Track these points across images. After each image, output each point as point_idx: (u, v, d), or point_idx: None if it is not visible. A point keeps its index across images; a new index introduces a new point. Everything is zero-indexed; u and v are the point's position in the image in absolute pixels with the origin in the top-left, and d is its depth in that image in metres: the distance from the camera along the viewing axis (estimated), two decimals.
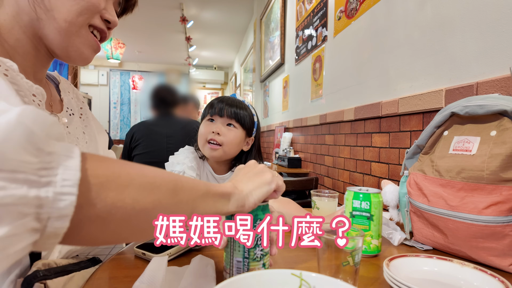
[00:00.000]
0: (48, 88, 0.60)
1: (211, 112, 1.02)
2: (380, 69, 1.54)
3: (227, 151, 1.01)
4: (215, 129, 0.98)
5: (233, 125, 1.01)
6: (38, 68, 0.54)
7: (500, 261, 0.59)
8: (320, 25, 2.33)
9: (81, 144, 0.60)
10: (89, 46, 0.54)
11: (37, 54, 0.52)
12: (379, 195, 0.67)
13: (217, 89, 9.33)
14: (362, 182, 1.70)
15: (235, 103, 1.02)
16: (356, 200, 0.67)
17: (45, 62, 0.55)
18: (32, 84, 0.48)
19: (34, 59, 0.52)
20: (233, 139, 1.00)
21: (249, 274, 0.39)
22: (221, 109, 1.00)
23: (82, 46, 0.53)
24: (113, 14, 0.56)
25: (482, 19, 0.99)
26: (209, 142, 1.00)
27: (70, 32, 0.50)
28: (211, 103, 1.04)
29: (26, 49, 0.50)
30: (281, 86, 3.42)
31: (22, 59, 0.50)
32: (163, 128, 1.81)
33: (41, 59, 0.53)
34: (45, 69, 0.57)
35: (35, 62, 0.53)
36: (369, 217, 0.66)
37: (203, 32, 6.20)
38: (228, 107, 1.00)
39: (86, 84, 8.14)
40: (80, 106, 0.66)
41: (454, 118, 0.71)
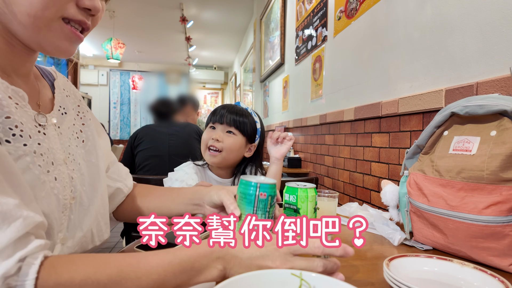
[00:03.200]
0: (36, 85, 0.56)
1: (212, 120, 1.07)
2: (380, 69, 1.54)
3: (226, 157, 1.04)
4: (215, 136, 1.03)
5: (232, 132, 1.05)
6: (18, 64, 0.50)
7: (500, 261, 0.59)
8: (320, 25, 2.33)
9: (74, 144, 0.57)
10: (66, 39, 0.48)
11: (12, 49, 0.48)
12: (308, 190, 0.70)
13: (217, 89, 9.33)
14: (362, 182, 1.70)
15: (236, 111, 1.07)
16: (286, 194, 0.71)
17: (25, 56, 0.50)
18: (8, 85, 0.45)
19: (10, 55, 0.48)
20: (232, 145, 1.04)
21: (249, 274, 0.39)
22: (222, 116, 1.05)
23: (56, 40, 0.47)
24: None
25: (482, 19, 0.99)
26: (209, 149, 1.05)
27: (38, 27, 0.45)
28: (214, 110, 1.09)
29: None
30: (281, 86, 3.42)
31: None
32: (165, 128, 1.92)
33: (18, 54, 0.49)
34: (28, 64, 0.52)
35: (12, 58, 0.48)
36: (295, 210, 0.69)
37: (203, 32, 6.20)
38: (228, 114, 1.05)
39: (86, 84, 8.13)
40: (77, 104, 0.63)
41: (454, 118, 0.71)
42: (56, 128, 0.55)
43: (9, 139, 0.43)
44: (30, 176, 0.45)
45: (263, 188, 0.57)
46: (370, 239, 0.79)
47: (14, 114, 0.45)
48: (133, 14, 5.23)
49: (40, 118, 0.51)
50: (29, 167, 0.45)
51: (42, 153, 0.48)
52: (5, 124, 0.43)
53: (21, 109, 0.47)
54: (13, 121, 0.44)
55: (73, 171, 0.55)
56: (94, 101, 6.85)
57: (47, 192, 0.47)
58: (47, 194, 0.47)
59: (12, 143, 0.44)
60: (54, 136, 0.53)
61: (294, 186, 0.71)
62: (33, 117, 0.50)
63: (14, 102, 0.46)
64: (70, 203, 0.53)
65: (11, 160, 0.40)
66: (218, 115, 1.06)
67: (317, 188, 0.75)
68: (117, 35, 5.53)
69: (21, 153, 0.44)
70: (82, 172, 0.57)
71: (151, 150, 1.83)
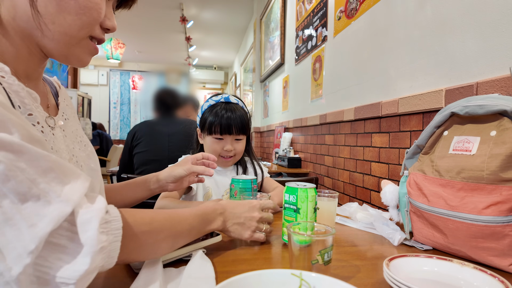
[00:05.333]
0: (45, 90, 0.59)
1: (220, 131, 1.10)
2: (380, 69, 1.54)
3: (238, 158, 1.18)
4: (227, 148, 1.11)
5: (240, 138, 1.14)
6: (32, 69, 0.54)
7: (500, 261, 0.59)
8: (320, 25, 2.34)
9: (77, 147, 0.60)
10: (89, 54, 0.55)
11: (32, 57, 0.52)
12: (308, 190, 0.70)
13: (217, 89, 9.33)
14: (362, 182, 1.70)
15: (239, 117, 1.11)
16: (286, 194, 0.72)
17: (40, 63, 0.54)
18: (24, 87, 0.47)
19: (28, 61, 0.52)
20: (242, 148, 1.17)
21: (249, 274, 0.39)
22: (229, 127, 1.09)
23: (81, 54, 0.53)
24: (112, 19, 0.56)
25: (482, 19, 0.99)
26: (221, 156, 1.13)
27: (70, 43, 0.51)
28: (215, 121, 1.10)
29: (20, 53, 0.50)
30: (281, 86, 3.42)
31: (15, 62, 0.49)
32: (164, 127, 1.83)
33: (35, 61, 0.53)
34: (40, 69, 0.56)
35: (28, 64, 0.52)
36: (295, 210, 0.70)
37: (203, 32, 6.20)
38: (234, 124, 1.10)
39: (86, 84, 8.14)
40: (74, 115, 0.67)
41: (454, 118, 0.71)
42: (62, 131, 0.57)
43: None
44: None
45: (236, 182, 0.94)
46: (370, 239, 0.79)
47: (35, 111, 0.48)
48: (133, 14, 5.21)
49: (49, 120, 0.54)
50: None
51: (55, 151, 0.51)
52: (30, 120, 0.47)
53: (34, 110, 0.50)
54: (35, 117, 0.48)
55: None
56: (94, 101, 6.84)
57: None
58: None
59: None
60: (61, 138, 0.55)
61: (294, 186, 0.71)
62: (44, 118, 0.52)
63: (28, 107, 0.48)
64: None
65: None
66: (224, 126, 1.09)
67: (317, 188, 0.76)
68: (117, 35, 5.53)
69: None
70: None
71: (150, 154, 1.76)
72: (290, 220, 0.70)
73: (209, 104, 1.15)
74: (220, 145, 1.11)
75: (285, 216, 0.72)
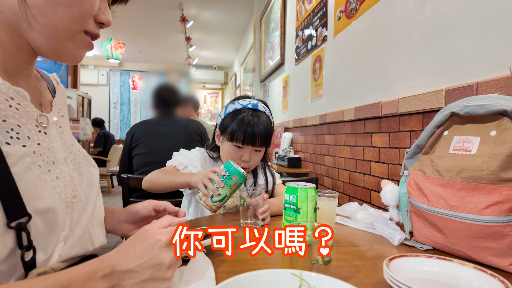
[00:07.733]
0: (38, 86, 0.57)
1: (242, 141, 1.03)
2: (380, 69, 1.54)
3: (252, 168, 1.12)
4: (245, 158, 1.05)
5: (260, 150, 1.08)
6: (22, 66, 0.51)
7: (500, 261, 0.59)
8: (320, 25, 2.34)
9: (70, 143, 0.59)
10: (83, 48, 0.52)
11: (20, 53, 0.49)
12: (308, 190, 0.70)
13: (217, 89, 9.33)
14: (362, 182, 1.70)
15: (264, 128, 1.04)
16: (287, 194, 0.72)
17: (30, 59, 0.52)
18: (9, 85, 0.46)
19: (17, 58, 0.49)
20: (259, 160, 1.11)
21: (249, 274, 0.39)
22: (253, 139, 1.03)
23: (74, 49, 0.50)
24: (106, 13, 0.53)
25: (482, 19, 0.99)
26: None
27: (61, 37, 0.48)
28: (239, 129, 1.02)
29: (8, 49, 0.48)
30: (281, 86, 3.42)
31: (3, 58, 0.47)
32: (164, 128, 1.79)
33: (24, 58, 0.51)
34: (31, 66, 0.54)
35: (17, 61, 0.50)
36: (295, 210, 0.70)
37: (203, 32, 6.20)
38: (259, 137, 1.03)
39: (86, 84, 8.14)
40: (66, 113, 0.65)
41: (454, 118, 0.71)
42: (58, 128, 0.56)
43: (9, 141, 0.45)
44: (32, 176, 0.46)
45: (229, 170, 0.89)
46: (370, 239, 0.79)
47: (11, 117, 0.46)
48: (133, 14, 5.22)
49: (42, 118, 0.52)
50: (30, 167, 0.46)
51: (42, 153, 0.49)
52: (2, 127, 0.45)
53: (23, 109, 0.48)
54: (9, 124, 0.46)
55: (73, 170, 0.56)
56: (94, 101, 6.84)
57: (50, 190, 0.48)
58: (51, 192, 0.48)
59: (12, 145, 0.45)
60: (55, 135, 0.54)
61: (294, 186, 0.71)
62: (35, 116, 0.51)
63: (16, 102, 0.47)
64: (71, 202, 0.53)
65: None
66: (248, 136, 1.02)
67: (317, 188, 0.76)
68: (117, 35, 5.53)
69: (22, 154, 0.46)
70: (81, 172, 0.58)
71: (149, 156, 1.73)
72: (290, 220, 0.70)
73: (235, 107, 1.07)
74: (238, 154, 1.05)
75: (285, 216, 0.72)
